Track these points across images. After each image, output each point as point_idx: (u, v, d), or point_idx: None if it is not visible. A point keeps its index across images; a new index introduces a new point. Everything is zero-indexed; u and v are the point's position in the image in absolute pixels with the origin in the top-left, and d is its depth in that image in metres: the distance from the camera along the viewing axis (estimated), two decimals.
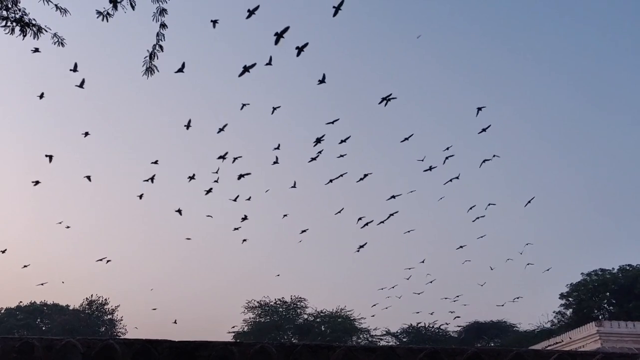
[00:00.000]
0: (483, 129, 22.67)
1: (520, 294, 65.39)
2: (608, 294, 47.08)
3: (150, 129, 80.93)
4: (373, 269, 72.77)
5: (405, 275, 35.46)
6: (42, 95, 19.87)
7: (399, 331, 55.22)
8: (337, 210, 27.99)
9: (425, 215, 68.18)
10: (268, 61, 17.11)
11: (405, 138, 22.92)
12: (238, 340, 3.74)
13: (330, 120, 21.64)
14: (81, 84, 17.72)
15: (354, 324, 53.66)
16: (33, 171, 60.52)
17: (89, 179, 24.19)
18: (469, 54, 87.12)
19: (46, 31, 7.02)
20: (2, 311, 54.49)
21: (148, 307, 48.79)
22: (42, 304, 55.11)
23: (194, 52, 71.87)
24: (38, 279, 73.59)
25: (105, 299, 55.32)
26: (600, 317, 43.21)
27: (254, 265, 73.40)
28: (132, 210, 79.54)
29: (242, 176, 23.65)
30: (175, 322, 37.51)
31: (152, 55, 7.07)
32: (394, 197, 24.97)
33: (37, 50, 14.44)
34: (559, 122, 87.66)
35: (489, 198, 70.56)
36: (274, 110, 21.83)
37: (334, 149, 21.60)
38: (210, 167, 71.08)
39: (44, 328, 54.04)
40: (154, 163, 23.24)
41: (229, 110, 75.43)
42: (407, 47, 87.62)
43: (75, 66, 17.24)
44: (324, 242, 78.80)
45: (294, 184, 25.90)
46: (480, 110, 21.67)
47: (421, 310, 42.92)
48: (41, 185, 23.13)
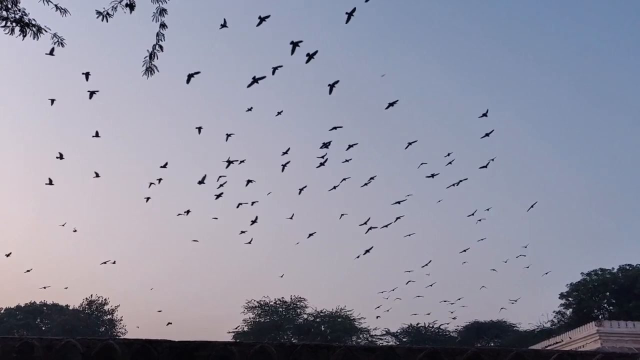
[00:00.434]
0: (486, 134, 22.70)
1: (520, 294, 65.53)
2: (608, 293, 47.08)
3: (150, 129, 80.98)
4: (373, 269, 72.79)
5: (405, 276, 35.53)
6: (53, 101, 19.94)
7: (398, 331, 55.25)
8: (338, 212, 28.09)
9: (425, 215, 68.23)
10: (273, 71, 17.66)
11: (409, 143, 23.41)
12: (238, 340, 3.74)
13: (333, 126, 22.69)
14: (86, 76, 17.63)
15: (354, 324, 53.67)
16: (33, 171, 60.56)
17: (97, 175, 24.33)
18: (470, 54, 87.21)
19: (46, 31, 7.02)
20: (2, 311, 54.49)
21: (148, 307, 48.88)
22: (42, 304, 55.10)
23: (194, 52, 71.88)
24: (38, 279, 73.69)
25: (105, 299, 55.40)
26: (600, 317, 43.21)
27: (254, 265, 73.47)
28: (132, 210, 79.55)
29: (250, 182, 24.00)
30: (170, 324, 37.29)
31: (152, 55, 7.07)
32: (398, 203, 25.35)
33: (52, 54, 14.46)
34: (560, 123, 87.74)
35: (489, 198, 70.63)
36: (278, 114, 22.23)
37: (338, 151, 22.04)
38: (211, 167, 71.08)
39: (43, 328, 54.04)
40: (162, 167, 23.40)
41: (229, 110, 75.50)
42: (408, 47, 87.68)
43: (87, 75, 17.27)
44: (323, 242, 78.89)
45: (299, 191, 26.08)
46: (485, 116, 21.86)
47: (420, 311, 42.98)
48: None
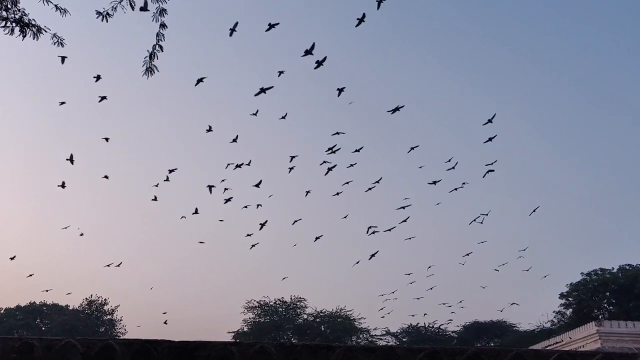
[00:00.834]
0: (489, 139, 22.76)
1: (520, 294, 65.44)
2: (608, 293, 47.08)
3: (150, 129, 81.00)
4: (373, 269, 72.84)
5: (405, 278, 35.61)
6: (62, 103, 19.97)
7: (398, 331, 55.23)
8: (338, 212, 28.20)
9: (425, 216, 68.21)
10: (279, 74, 17.98)
11: (412, 148, 23.72)
12: (238, 340, 3.74)
13: (336, 132, 22.65)
14: (97, 78, 17.64)
15: (354, 324, 53.65)
16: (33, 171, 60.55)
17: (106, 177, 24.39)
18: (470, 54, 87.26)
19: (46, 31, 7.02)
20: (2, 311, 54.48)
21: (148, 307, 48.79)
22: (42, 304, 55.09)
23: (194, 52, 71.92)
24: (38, 279, 73.68)
25: (105, 299, 55.39)
26: (600, 317, 43.20)
27: (254, 266, 73.46)
28: (132, 210, 79.54)
29: (257, 185, 24.14)
30: (165, 323, 37.21)
31: (152, 56, 7.07)
32: (403, 208, 25.54)
33: (65, 58, 14.52)
34: (560, 123, 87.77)
35: (489, 198, 70.58)
36: (283, 117, 22.37)
37: (340, 152, 22.28)
38: (210, 167, 71.06)
39: (43, 328, 54.03)
40: (171, 171, 23.53)
41: (229, 110, 75.52)
42: (409, 47, 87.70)
43: (98, 77, 17.29)
44: (323, 242, 78.75)
45: (306, 193, 26.24)
46: (490, 122, 21.96)
47: (420, 312, 42.90)
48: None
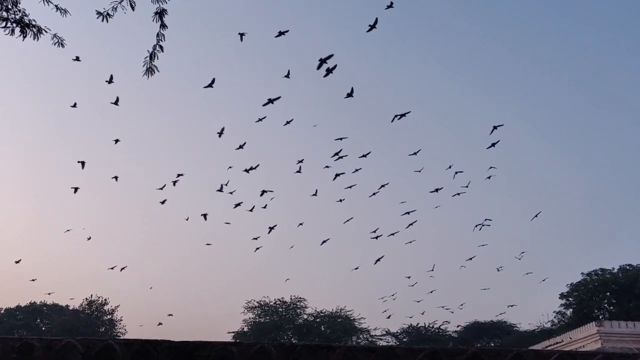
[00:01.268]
0: (492, 144, 22.89)
1: (520, 294, 65.38)
2: (608, 293, 47.09)
3: (150, 129, 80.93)
4: (373, 269, 72.65)
5: (405, 278, 35.68)
6: (74, 105, 20.04)
7: (398, 331, 55.24)
8: (338, 212, 28.28)
9: (425, 217, 68.20)
10: (286, 74, 18.09)
11: (414, 153, 23.96)
12: (238, 341, 3.74)
13: (339, 137, 22.89)
14: (110, 80, 17.69)
15: (354, 324, 53.65)
16: (33, 171, 60.57)
17: (116, 178, 24.49)
18: (470, 54, 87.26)
19: (46, 32, 7.01)
20: (2, 311, 54.50)
21: (148, 307, 48.79)
22: (42, 304, 55.11)
23: (194, 52, 71.95)
24: (38, 279, 73.50)
25: (105, 299, 55.40)
26: (600, 317, 43.21)
27: (254, 266, 73.47)
28: (132, 210, 79.53)
29: (265, 192, 24.35)
30: (160, 323, 37.35)
31: (152, 56, 7.06)
32: (407, 214, 25.76)
33: (78, 59, 14.57)
34: (560, 123, 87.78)
35: (489, 198, 70.62)
36: (287, 123, 22.51)
37: (343, 154, 22.54)
38: (210, 167, 71.06)
39: (43, 328, 54.05)
40: (180, 175, 23.65)
41: (229, 110, 75.50)
42: (409, 47, 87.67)
43: (111, 78, 17.35)
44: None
45: (314, 193, 26.38)
46: (495, 129, 22.11)
47: (418, 314, 42.83)
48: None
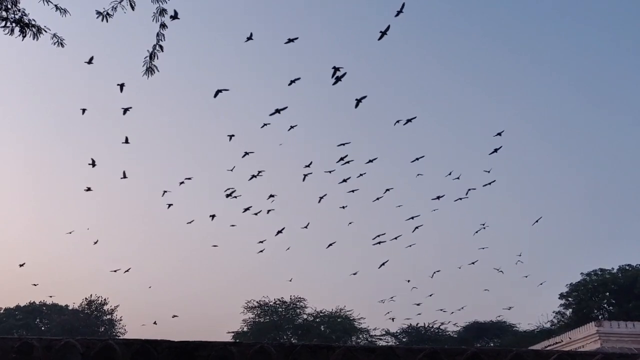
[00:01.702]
0: (495, 150, 23.01)
1: (519, 294, 65.44)
2: (608, 294, 47.08)
3: (150, 129, 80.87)
4: (373, 269, 72.66)
5: (405, 275, 35.75)
6: (84, 111, 20.11)
7: (398, 331, 55.21)
8: (338, 212, 28.42)
9: (425, 218, 68.04)
10: (293, 80, 18.28)
11: (416, 158, 24.11)
12: (237, 341, 3.74)
13: (341, 142, 23.51)
14: (121, 87, 17.72)
15: (354, 324, 53.64)
16: (33, 171, 60.56)
17: (125, 175, 24.49)
18: (470, 54, 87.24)
19: (46, 31, 7.02)
20: (2, 311, 54.48)
21: (148, 307, 48.77)
22: (42, 304, 55.11)
23: (194, 52, 71.94)
24: (38, 279, 73.62)
25: (105, 299, 55.38)
26: (600, 317, 43.20)
27: (254, 265, 73.48)
28: (132, 210, 79.51)
29: (272, 196, 24.53)
30: (155, 322, 37.36)
31: (152, 55, 7.08)
32: (412, 218, 25.93)
33: (91, 61, 14.62)
34: (560, 123, 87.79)
35: (489, 199, 70.60)
36: (291, 128, 22.69)
37: (345, 156, 22.86)
38: (210, 167, 71.02)
39: (43, 328, 54.04)
40: (188, 179, 23.80)
41: (229, 110, 75.50)
42: (409, 47, 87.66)
43: (122, 86, 17.40)
44: (323, 242, 78.79)
45: (319, 199, 26.51)
46: (499, 135, 22.25)
47: (418, 315, 42.84)
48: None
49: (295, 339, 50.80)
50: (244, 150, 22.83)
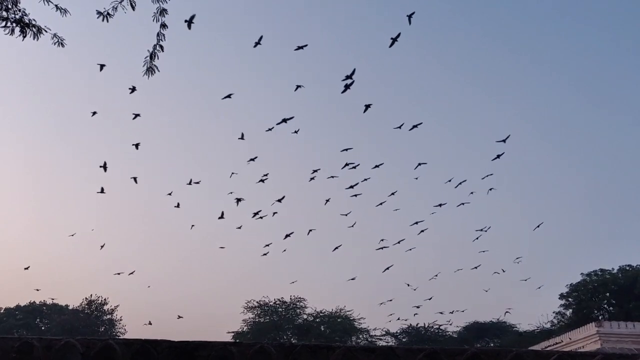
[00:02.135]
0: (497, 156, 23.04)
1: (519, 294, 65.44)
2: (608, 294, 47.05)
3: (150, 129, 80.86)
4: (373, 269, 72.78)
5: (405, 275, 35.80)
6: (94, 113, 20.19)
7: (398, 331, 55.17)
8: (338, 212, 28.48)
9: (425, 217, 68.01)
10: (299, 86, 18.39)
11: (419, 164, 24.21)
12: (237, 341, 3.74)
13: (344, 148, 23.72)
14: (132, 90, 17.72)
15: (354, 324, 53.62)
16: (33, 171, 60.55)
17: (135, 181, 24.67)
18: (470, 54, 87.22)
19: (46, 31, 7.01)
20: (2, 311, 54.48)
21: (148, 307, 48.76)
22: (42, 304, 55.10)
23: (194, 52, 71.93)
24: (38, 279, 73.69)
25: (105, 299, 55.38)
26: (600, 318, 43.19)
27: (254, 265, 73.46)
28: (132, 210, 79.51)
29: (279, 200, 24.59)
30: (150, 323, 37.45)
31: (152, 55, 7.07)
32: (416, 223, 26.00)
33: (103, 66, 14.73)
34: (560, 123, 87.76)
35: (489, 199, 70.51)
36: (295, 132, 22.71)
37: (346, 157, 23.00)
38: (210, 167, 71.02)
39: (43, 328, 54.03)
40: (196, 183, 23.85)
41: (229, 110, 75.48)
42: (408, 47, 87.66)
43: (133, 89, 17.43)
44: (323, 242, 78.83)
45: (325, 202, 26.67)
46: (504, 141, 22.27)
47: (418, 316, 42.86)
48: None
49: (295, 339, 50.78)
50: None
